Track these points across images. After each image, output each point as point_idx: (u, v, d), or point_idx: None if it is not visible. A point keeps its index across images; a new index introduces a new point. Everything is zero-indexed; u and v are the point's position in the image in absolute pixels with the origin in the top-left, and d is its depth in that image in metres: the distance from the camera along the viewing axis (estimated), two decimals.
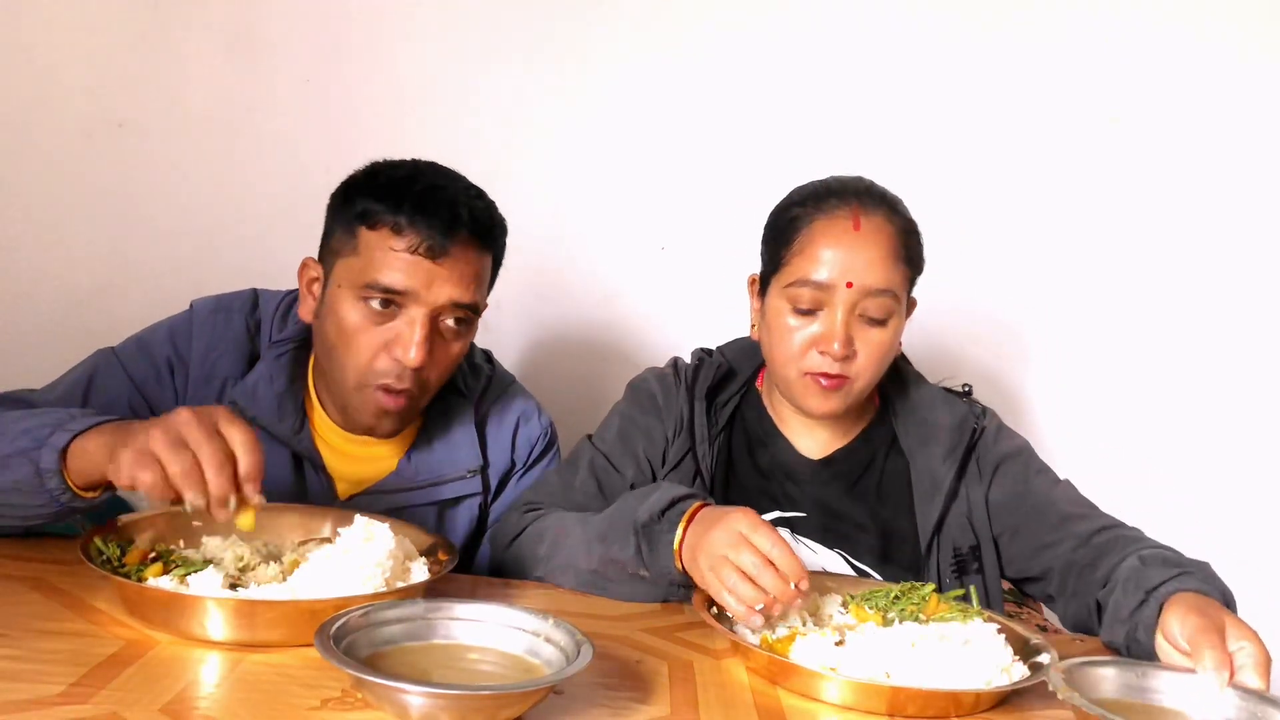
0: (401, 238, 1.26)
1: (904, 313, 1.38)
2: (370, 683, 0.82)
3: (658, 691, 0.99)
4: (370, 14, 1.99)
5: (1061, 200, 2.00)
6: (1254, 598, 1.27)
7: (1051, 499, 1.40)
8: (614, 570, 1.22)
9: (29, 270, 1.98)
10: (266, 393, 1.34)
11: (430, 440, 1.41)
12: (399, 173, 1.31)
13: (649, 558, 1.18)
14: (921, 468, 1.42)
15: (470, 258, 1.29)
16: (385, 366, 1.28)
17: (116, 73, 1.98)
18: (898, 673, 1.03)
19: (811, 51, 1.99)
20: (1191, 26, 1.97)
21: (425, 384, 1.32)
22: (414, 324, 1.26)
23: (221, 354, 1.36)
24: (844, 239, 1.32)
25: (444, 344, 1.31)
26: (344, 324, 1.28)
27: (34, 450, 1.05)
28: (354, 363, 1.29)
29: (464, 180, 1.35)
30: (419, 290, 1.26)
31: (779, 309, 1.36)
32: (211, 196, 2.00)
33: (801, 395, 1.37)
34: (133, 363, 1.33)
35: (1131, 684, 1.03)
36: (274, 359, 1.36)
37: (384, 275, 1.25)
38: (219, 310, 1.38)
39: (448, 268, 1.27)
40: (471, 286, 1.29)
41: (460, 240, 1.27)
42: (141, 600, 0.99)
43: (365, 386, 1.29)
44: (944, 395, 1.49)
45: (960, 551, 1.40)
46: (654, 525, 1.19)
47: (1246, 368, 2.00)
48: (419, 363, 1.26)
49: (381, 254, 1.26)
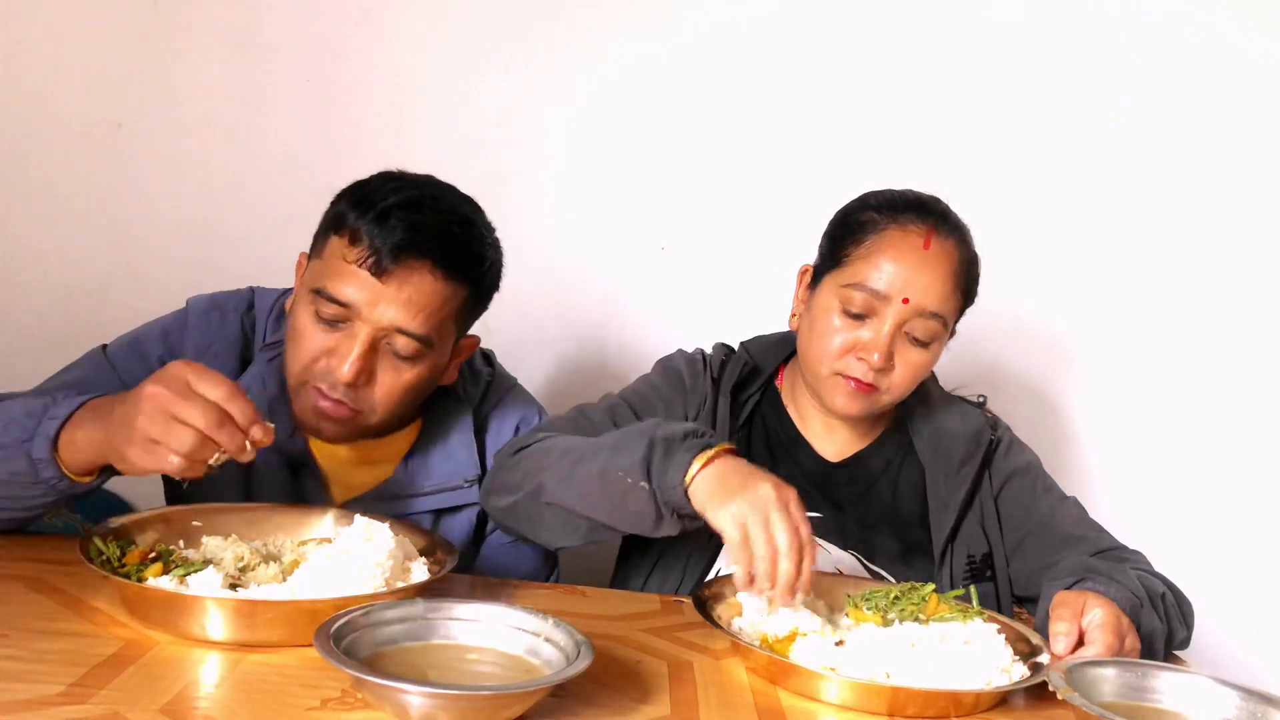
0: (354, 248, 1.20)
1: (946, 340, 1.38)
2: (370, 683, 0.82)
3: (658, 691, 0.99)
4: (370, 14, 1.99)
5: (1060, 201, 2.00)
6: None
7: (1055, 519, 1.41)
8: (608, 484, 1.15)
9: (28, 269, 1.98)
10: (258, 397, 1.28)
11: (427, 447, 1.37)
12: (389, 184, 1.26)
13: (658, 467, 1.11)
14: (937, 475, 1.43)
15: (423, 284, 1.21)
16: (323, 370, 1.23)
17: (116, 73, 1.98)
18: (898, 673, 1.03)
19: (812, 52, 1.99)
20: (1191, 26, 1.96)
21: (368, 405, 1.25)
22: (354, 339, 1.21)
23: (214, 355, 1.32)
24: (912, 255, 1.32)
25: (391, 369, 1.24)
26: (295, 323, 1.25)
27: (25, 442, 1.05)
28: (296, 361, 1.25)
29: (459, 207, 1.29)
30: (360, 306, 1.20)
31: (828, 306, 1.35)
32: (211, 196, 2.00)
33: (829, 392, 1.36)
34: (124, 363, 1.31)
35: (1131, 684, 1.03)
36: (266, 362, 1.32)
37: (330, 283, 1.21)
38: (213, 309, 1.36)
39: (393, 289, 1.20)
40: (421, 316, 1.21)
41: (412, 263, 1.20)
42: (141, 600, 0.99)
43: (304, 385, 1.25)
44: (960, 404, 1.50)
45: (974, 558, 1.41)
46: (675, 441, 1.13)
47: (1247, 368, 2.00)
48: (350, 379, 1.21)
49: (335, 262, 1.22)
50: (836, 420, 1.43)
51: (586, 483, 1.17)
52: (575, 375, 2.03)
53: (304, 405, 1.26)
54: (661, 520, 1.13)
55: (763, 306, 1.90)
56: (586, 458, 1.19)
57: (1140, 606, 1.17)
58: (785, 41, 1.99)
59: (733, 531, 1.06)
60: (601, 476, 1.15)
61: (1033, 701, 1.08)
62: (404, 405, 1.29)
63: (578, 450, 1.21)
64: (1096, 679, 1.03)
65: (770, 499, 1.06)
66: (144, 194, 1.99)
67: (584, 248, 2.03)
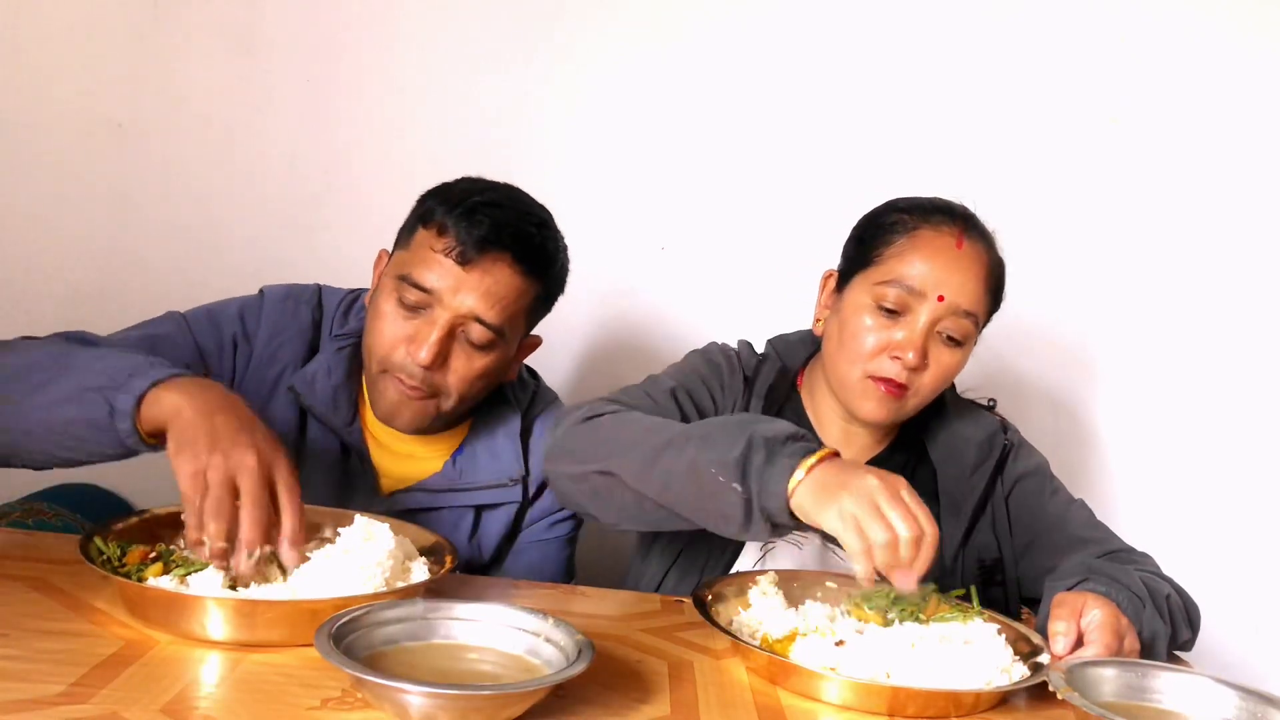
0: (441, 239, 1.29)
1: (974, 342, 1.37)
2: (370, 683, 0.82)
3: (658, 691, 0.99)
4: (370, 14, 1.99)
5: (1060, 201, 2.00)
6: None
7: (1063, 522, 1.41)
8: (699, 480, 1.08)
9: (29, 270, 1.98)
10: (324, 384, 1.37)
11: (476, 446, 1.43)
12: (475, 186, 1.35)
13: (756, 471, 1.04)
14: (949, 480, 1.42)
15: (503, 276, 1.30)
16: (401, 359, 1.31)
17: (116, 73, 1.98)
18: (898, 673, 1.03)
19: (811, 52, 1.99)
20: (1191, 26, 1.96)
21: (443, 390, 1.33)
22: (433, 325, 1.29)
23: (285, 340, 1.39)
24: (945, 253, 1.32)
25: (465, 356, 1.32)
26: (378, 309, 1.33)
27: (110, 390, 1.06)
28: (377, 348, 1.32)
29: (536, 210, 1.38)
30: (443, 293, 1.28)
31: (860, 305, 1.34)
32: (211, 196, 2.00)
33: (859, 397, 1.34)
34: (201, 331, 1.36)
35: (1132, 684, 1.03)
36: (334, 352, 1.39)
37: (416, 270, 1.29)
38: (289, 298, 1.42)
39: (476, 278, 1.28)
40: (498, 306, 1.30)
41: (494, 255, 1.29)
42: (141, 600, 0.99)
43: (384, 373, 1.32)
44: (972, 408, 1.49)
45: (985, 562, 1.41)
46: (776, 444, 1.06)
47: (1247, 368, 2.00)
48: (428, 362, 1.28)
49: (422, 251, 1.30)
50: (856, 426, 1.42)
51: (672, 474, 1.11)
52: (575, 375, 2.03)
53: (384, 392, 1.33)
54: (750, 525, 1.07)
55: (763, 307, 1.90)
56: (674, 445, 1.12)
57: (1143, 608, 1.17)
58: (784, 41, 1.99)
59: (848, 534, 1.01)
60: (690, 470, 1.09)
61: (1033, 701, 1.08)
62: (474, 393, 1.36)
63: (662, 434, 1.15)
64: (1096, 679, 1.02)
65: (876, 488, 1.01)
66: (144, 194, 1.99)
67: (584, 248, 2.02)
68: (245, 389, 1.37)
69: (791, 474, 1.03)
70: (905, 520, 1.01)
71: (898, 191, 1.43)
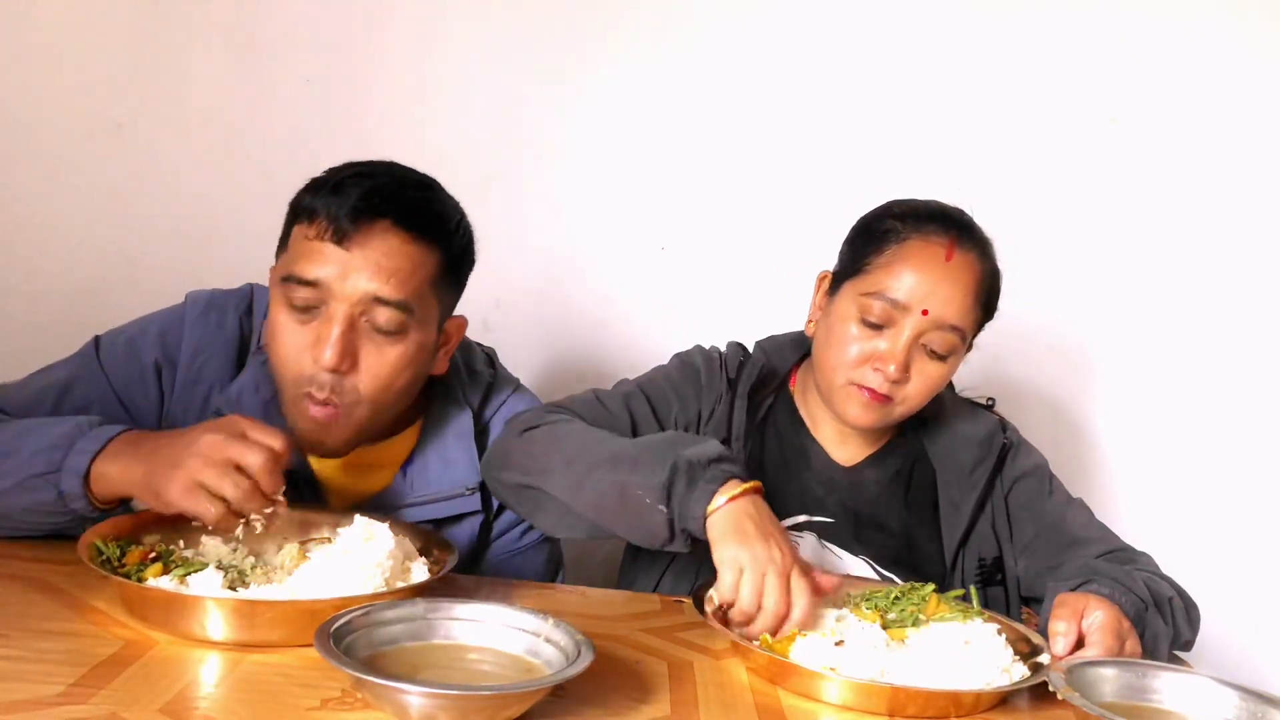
0: (313, 225, 1.18)
1: (963, 353, 1.37)
2: (370, 683, 0.82)
3: (658, 691, 0.99)
4: (370, 14, 1.99)
5: (1059, 202, 2.00)
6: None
7: (1063, 521, 1.41)
8: (626, 500, 1.15)
9: (28, 270, 1.98)
10: (251, 401, 1.26)
11: (427, 454, 1.33)
12: (343, 167, 1.25)
13: (680, 495, 1.11)
14: (949, 480, 1.42)
15: (390, 246, 1.18)
16: (310, 372, 1.18)
17: (116, 73, 1.97)
18: (898, 673, 1.03)
19: (811, 52, 1.99)
20: (1191, 26, 1.96)
21: (356, 395, 1.20)
22: (331, 321, 1.17)
23: (209, 358, 1.30)
24: (933, 266, 1.31)
25: (375, 350, 1.19)
26: (272, 323, 1.21)
27: (52, 474, 1.06)
28: (284, 368, 1.20)
29: (416, 175, 1.27)
30: (330, 281, 1.16)
31: (846, 314, 1.34)
32: (211, 196, 1.99)
33: (843, 402, 1.35)
34: (116, 365, 1.28)
35: (1132, 684, 1.03)
36: (259, 365, 1.28)
37: (297, 266, 1.18)
38: (211, 309, 1.32)
39: (359, 255, 1.16)
40: (394, 279, 1.17)
41: (374, 225, 1.17)
42: (141, 600, 0.99)
43: (297, 398, 1.20)
44: (971, 408, 1.49)
45: (985, 562, 1.41)
46: (700, 469, 1.12)
47: (1247, 369, 2.00)
48: (334, 362, 1.16)
49: (298, 245, 1.20)
50: (849, 426, 1.43)
51: (601, 494, 1.17)
52: (574, 375, 2.03)
53: (300, 417, 1.21)
54: (673, 541, 1.15)
55: (763, 307, 1.90)
56: (603, 465, 1.18)
57: (1145, 610, 1.17)
58: (784, 41, 1.99)
59: (727, 575, 1.08)
60: (618, 491, 1.16)
61: (1033, 701, 1.08)
62: (394, 392, 1.23)
63: (594, 452, 1.21)
64: (1097, 679, 1.03)
65: (776, 562, 1.08)
66: (144, 194, 1.99)
67: (584, 248, 2.03)
68: (174, 411, 1.29)
69: (711, 499, 1.11)
70: (778, 601, 1.07)
71: (898, 192, 1.43)
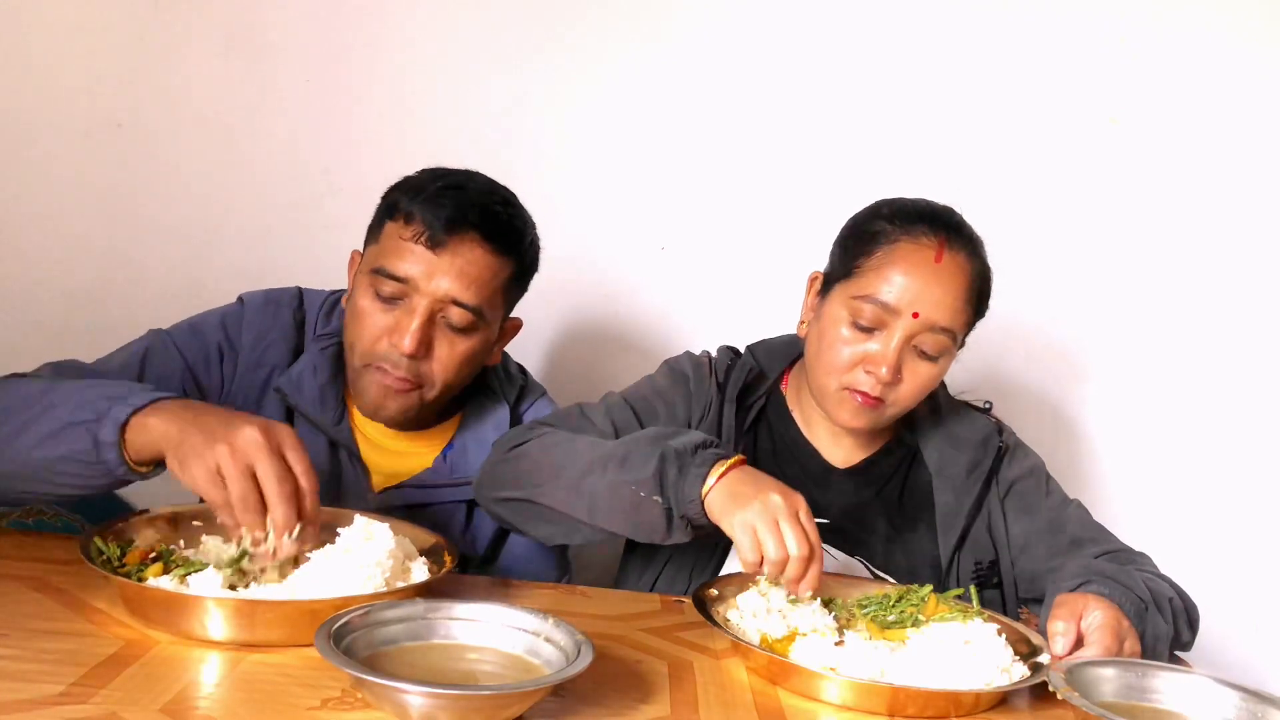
0: (409, 226, 1.31)
1: (955, 352, 1.37)
2: (370, 683, 0.82)
3: (658, 691, 0.99)
4: (370, 14, 1.99)
5: (1059, 202, 2.00)
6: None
7: (1061, 522, 1.41)
8: (620, 498, 1.18)
9: (29, 270, 1.98)
10: (310, 383, 1.38)
11: (466, 439, 1.44)
12: (436, 173, 1.37)
13: (672, 483, 1.14)
14: (945, 482, 1.42)
15: (474, 256, 1.31)
16: (385, 351, 1.32)
17: (116, 73, 1.97)
18: (897, 673, 1.04)
19: (812, 52, 1.99)
20: (1191, 26, 1.96)
21: (428, 379, 1.34)
22: (413, 313, 1.30)
23: (270, 344, 1.41)
24: (923, 268, 1.31)
25: (446, 342, 1.33)
26: (356, 306, 1.34)
27: (93, 422, 1.06)
28: (359, 343, 1.33)
29: (499, 189, 1.39)
30: (418, 279, 1.29)
31: (837, 317, 1.34)
32: (211, 196, 2.00)
33: (835, 406, 1.36)
34: (186, 345, 1.38)
35: (1131, 684, 1.03)
36: (319, 351, 1.41)
37: (389, 261, 1.31)
38: (269, 303, 1.44)
39: (447, 260, 1.29)
40: (473, 286, 1.31)
41: (462, 236, 1.30)
42: (141, 600, 0.99)
43: (368, 367, 1.33)
44: (967, 411, 1.49)
45: (981, 564, 1.41)
46: (687, 454, 1.16)
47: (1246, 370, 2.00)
48: (412, 349, 1.29)
49: (392, 242, 1.32)
50: (842, 429, 1.42)
51: (596, 495, 1.20)
52: (575, 375, 2.03)
53: (369, 386, 1.34)
54: (673, 531, 1.17)
55: (763, 307, 1.90)
56: (594, 469, 1.21)
57: (1145, 610, 1.17)
58: (785, 41, 1.99)
59: (744, 538, 1.09)
60: (612, 490, 1.18)
61: (1033, 701, 1.08)
62: (459, 380, 1.37)
63: (583, 458, 1.23)
64: (1096, 679, 1.03)
65: (779, 506, 1.09)
66: (144, 194, 1.99)
67: (584, 247, 2.03)
68: (235, 396, 1.39)
69: (704, 481, 1.13)
70: (798, 540, 1.08)
71: (899, 193, 1.43)
